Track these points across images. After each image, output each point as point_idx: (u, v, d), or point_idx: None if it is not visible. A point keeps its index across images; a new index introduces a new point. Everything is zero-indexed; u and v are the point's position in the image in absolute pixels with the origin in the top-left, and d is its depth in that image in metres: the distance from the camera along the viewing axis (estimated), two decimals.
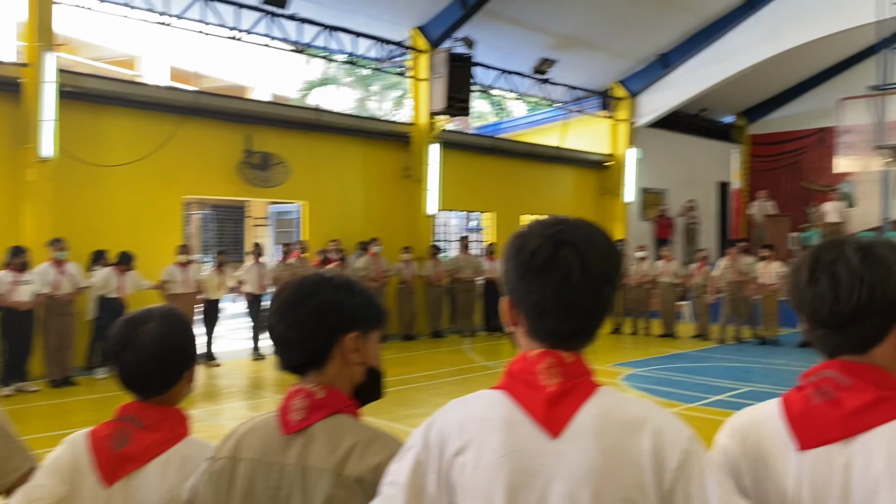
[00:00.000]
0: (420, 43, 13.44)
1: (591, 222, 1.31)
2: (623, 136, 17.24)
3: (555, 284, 1.23)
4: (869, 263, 1.27)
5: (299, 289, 1.50)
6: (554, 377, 1.23)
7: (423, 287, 13.24)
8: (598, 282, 1.24)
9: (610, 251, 1.27)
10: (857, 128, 13.11)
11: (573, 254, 1.23)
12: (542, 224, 1.30)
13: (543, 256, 1.24)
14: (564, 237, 1.25)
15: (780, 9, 14.91)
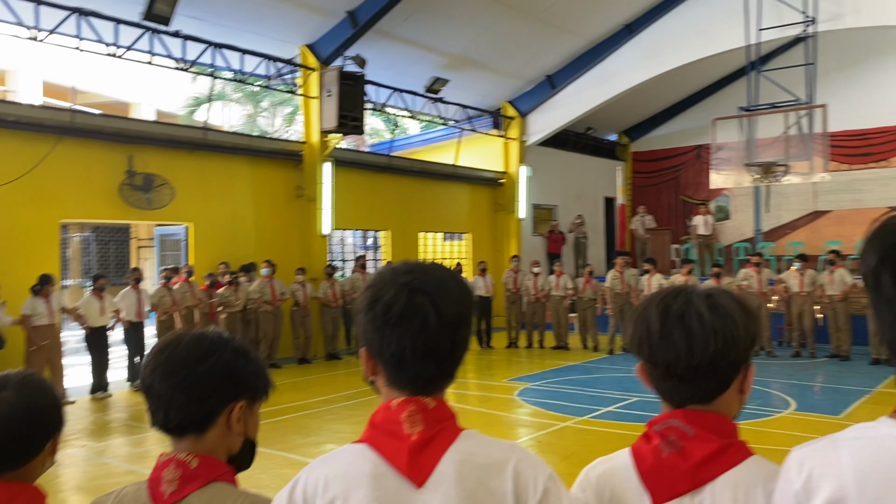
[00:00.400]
0: (310, 61, 13.30)
1: (442, 266, 1.34)
2: (515, 155, 17.64)
3: (412, 334, 1.25)
4: (719, 315, 1.32)
5: (194, 346, 1.40)
6: (416, 425, 1.24)
7: (318, 309, 13.03)
8: (453, 326, 1.26)
9: (462, 294, 1.29)
10: (729, 145, 13.91)
11: (427, 302, 1.24)
12: (393, 272, 1.30)
13: (398, 307, 1.25)
14: (417, 285, 1.26)
15: (657, 33, 15.70)
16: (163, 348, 1.41)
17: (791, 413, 8.20)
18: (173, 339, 1.43)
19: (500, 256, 17.40)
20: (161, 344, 1.43)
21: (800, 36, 13.94)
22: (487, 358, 13.43)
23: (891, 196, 17.67)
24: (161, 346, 1.42)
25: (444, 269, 1.33)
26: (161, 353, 1.41)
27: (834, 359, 11.91)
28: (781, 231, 19.01)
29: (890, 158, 17.67)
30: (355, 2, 12.65)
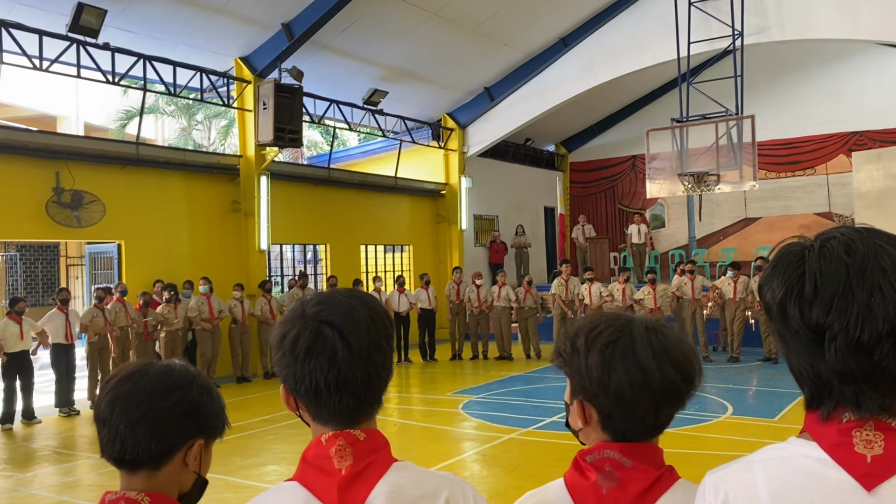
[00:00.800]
0: (245, 73, 13.09)
1: (355, 293, 1.32)
2: (455, 166, 17.69)
3: (322, 368, 1.23)
4: (669, 346, 1.33)
5: (161, 379, 1.35)
6: (345, 459, 1.23)
7: (257, 325, 12.77)
8: (366, 355, 1.24)
9: (373, 320, 1.26)
10: (663, 155, 14.23)
11: (334, 334, 1.23)
12: (302, 306, 1.29)
13: (304, 342, 1.24)
14: (324, 317, 1.25)
15: (592, 46, 15.99)
16: (126, 378, 1.35)
17: (728, 417, 8.39)
18: (138, 370, 1.37)
19: (443, 268, 17.41)
20: (124, 373, 1.37)
21: (728, 49, 14.38)
22: (431, 371, 13.38)
23: (816, 203, 18.39)
24: (125, 375, 1.36)
25: (357, 296, 1.30)
26: (124, 382, 1.35)
27: (767, 362, 12.26)
28: (714, 238, 19.55)
29: (815, 167, 18.37)
30: (290, 14, 12.51)
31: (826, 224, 18.13)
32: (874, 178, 15.49)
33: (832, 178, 18.23)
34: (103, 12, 10.46)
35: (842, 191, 17.87)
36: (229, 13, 12.06)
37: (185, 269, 12.47)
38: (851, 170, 16.78)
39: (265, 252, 13.51)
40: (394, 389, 11.91)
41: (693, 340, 12.98)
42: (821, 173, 18.40)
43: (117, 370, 1.40)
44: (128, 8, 11.12)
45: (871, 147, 16.81)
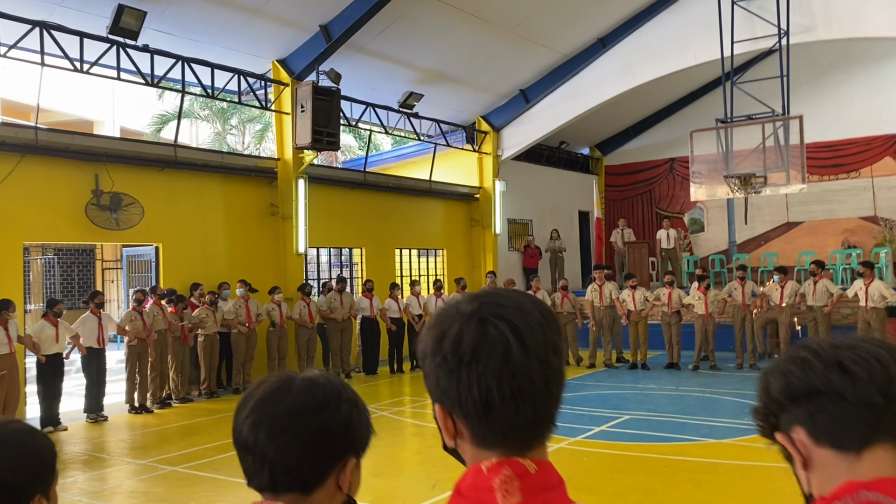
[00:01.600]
0: (282, 76, 13.01)
1: (512, 289, 1.11)
2: (489, 169, 17.48)
3: (494, 371, 1.00)
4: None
5: (306, 396, 1.19)
6: (512, 494, 1.00)
7: (294, 329, 12.66)
8: (543, 356, 1.02)
9: (545, 316, 1.05)
10: (706, 157, 13.90)
11: (506, 328, 1.01)
12: (456, 305, 1.07)
13: (471, 341, 1.01)
14: (488, 312, 1.02)
15: (631, 47, 15.69)
16: (268, 397, 1.20)
17: None
18: (279, 387, 1.21)
19: (476, 272, 17.19)
20: (264, 392, 1.21)
21: (773, 48, 14.01)
22: None
23: (860, 207, 17.89)
24: (265, 394, 1.20)
25: (520, 292, 1.10)
26: (266, 403, 1.19)
27: None
28: (756, 242, 19.10)
29: (860, 170, 17.87)
30: (328, 16, 12.41)
31: (871, 228, 17.63)
32: None
33: (878, 182, 17.72)
34: (143, 14, 10.43)
35: (888, 194, 17.38)
36: (267, 15, 11.98)
37: (223, 273, 12.40)
38: None
39: (302, 255, 13.40)
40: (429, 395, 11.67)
41: (741, 347, 12.62)
42: (865, 176, 17.89)
43: (255, 388, 1.22)
44: (167, 10, 11.09)
45: None
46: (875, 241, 17.22)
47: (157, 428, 9.53)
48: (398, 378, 13.13)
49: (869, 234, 17.56)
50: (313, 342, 12.81)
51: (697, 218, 20.20)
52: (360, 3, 12.15)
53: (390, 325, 13.42)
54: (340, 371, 12.94)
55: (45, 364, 9.43)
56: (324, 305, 12.94)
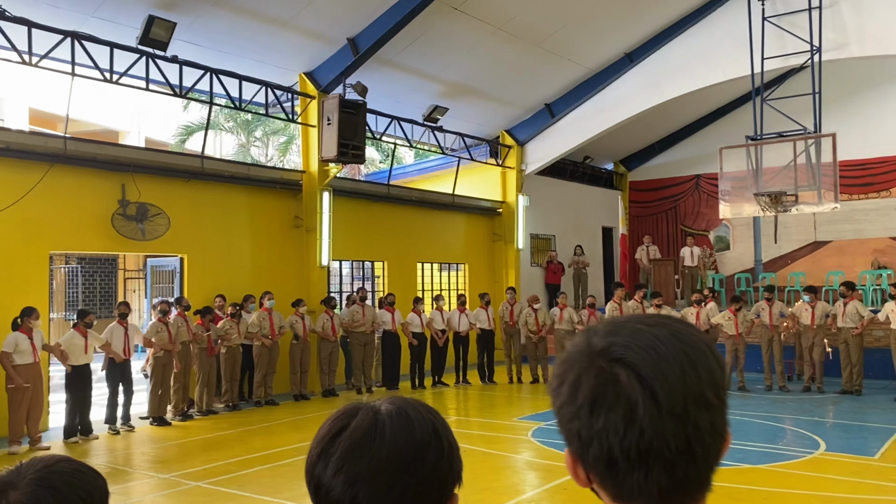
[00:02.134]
0: (309, 88, 13.01)
1: (663, 319, 0.94)
2: (512, 184, 17.37)
3: (614, 427, 0.86)
4: None
5: (404, 437, 0.99)
6: None
7: (317, 342, 12.57)
8: (681, 411, 0.86)
9: (691, 360, 0.88)
10: (734, 174, 13.71)
11: (631, 378, 0.87)
12: (587, 336, 0.93)
13: (589, 389, 0.88)
14: (616, 354, 0.88)
15: (659, 62, 15.56)
16: (360, 448, 0.98)
17: (822, 454, 7.83)
18: (367, 430, 1.00)
19: (498, 287, 17.03)
20: (353, 440, 0.99)
21: (804, 65, 13.83)
22: (490, 394, 13.00)
23: (891, 226, 17.57)
24: (355, 443, 0.99)
25: (666, 325, 0.92)
26: (359, 455, 0.98)
27: (846, 394, 11.57)
28: (782, 261, 18.81)
29: (890, 188, 17.57)
30: (356, 29, 12.40)
31: None
32: None
33: None
34: (173, 25, 10.46)
35: None
36: (295, 28, 11.99)
37: (246, 284, 12.36)
38: None
39: (326, 268, 13.33)
40: (453, 412, 11.57)
41: (769, 368, 12.37)
42: None
43: (332, 432, 1.01)
44: (196, 21, 11.12)
45: None
46: None
47: (179, 441, 9.45)
48: (419, 393, 12.99)
49: None
50: (335, 355, 12.72)
51: (723, 236, 19.94)
52: (388, 17, 12.13)
53: (412, 340, 13.30)
54: (363, 385, 12.83)
55: (73, 374, 9.39)
56: (346, 317, 12.86)
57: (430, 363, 13.62)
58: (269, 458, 8.23)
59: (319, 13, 11.83)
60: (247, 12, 11.29)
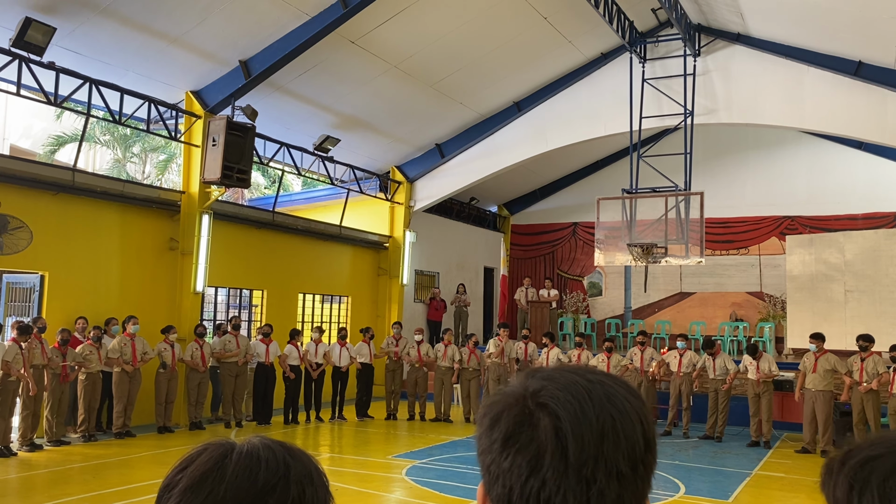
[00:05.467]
0: (195, 107, 12.60)
1: (606, 376, 0.91)
2: (400, 219, 17.44)
3: (520, 470, 0.84)
4: None
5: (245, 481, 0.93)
6: None
7: (185, 372, 11.99)
8: (588, 473, 0.82)
9: (615, 423, 0.85)
10: (609, 224, 14.35)
11: (550, 426, 0.84)
12: (527, 376, 0.92)
13: (507, 424, 0.86)
14: (544, 399, 0.86)
15: (545, 113, 16.19)
16: (197, 485, 0.92)
17: (682, 497, 8.19)
18: (210, 468, 0.93)
19: (381, 321, 16.94)
20: (192, 477, 0.93)
21: (677, 126, 14.78)
22: (365, 430, 12.81)
23: (748, 282, 18.90)
24: (193, 480, 0.92)
25: (605, 383, 0.89)
26: (195, 492, 0.92)
27: (707, 439, 12.21)
28: (650, 309, 19.79)
29: (749, 247, 18.93)
30: (249, 52, 12.18)
31: (757, 303, 18.62)
32: (806, 263, 16.07)
33: (764, 259, 18.81)
34: (52, 30, 9.90)
35: (773, 272, 18.43)
36: (185, 45, 11.63)
37: (113, 307, 11.67)
38: (783, 252, 17.41)
39: (200, 294, 12.80)
40: (326, 449, 11.30)
41: None
42: (753, 253, 18.96)
43: (181, 468, 0.95)
44: (78, 29, 10.58)
45: (802, 232, 17.50)
46: (760, 316, 18.18)
47: (24, 473, 8.69)
48: (292, 429, 12.62)
49: (755, 308, 18.54)
50: (204, 386, 12.17)
51: (596, 282, 20.78)
52: (283, 43, 12.00)
53: (289, 373, 12.93)
54: (232, 418, 12.32)
55: None
56: (217, 347, 12.35)
57: (305, 398, 13.29)
58: (126, 495, 7.70)
59: (212, 32, 11.54)
60: (134, 25, 10.86)
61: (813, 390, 11.12)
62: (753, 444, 11.71)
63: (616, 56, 15.46)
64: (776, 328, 17.07)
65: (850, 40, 12.78)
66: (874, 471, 0.85)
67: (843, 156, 17.75)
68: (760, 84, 14.21)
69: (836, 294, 15.33)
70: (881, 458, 0.85)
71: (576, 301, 20.42)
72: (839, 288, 15.34)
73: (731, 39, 14.52)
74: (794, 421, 12.47)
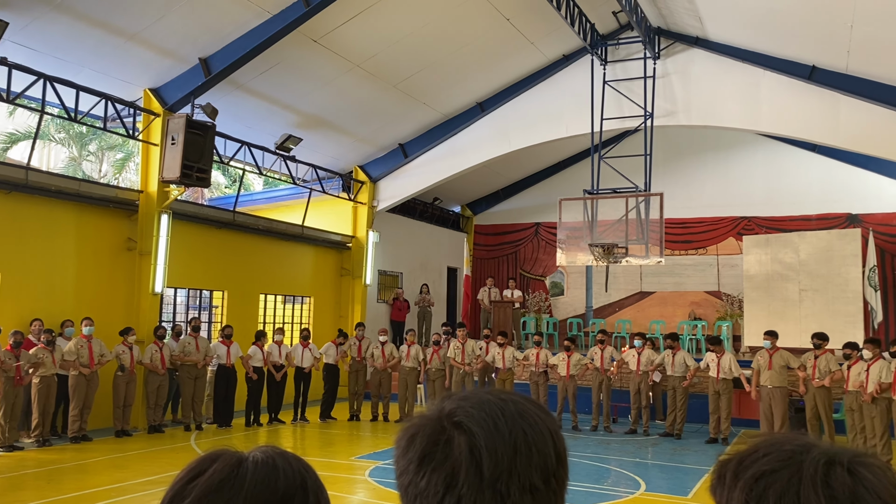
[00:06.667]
0: (154, 105, 12.39)
1: (517, 396, 0.94)
2: (363, 219, 17.36)
3: (435, 489, 0.86)
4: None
5: (265, 491, 0.90)
6: None
7: (144, 374, 11.78)
8: (503, 489, 0.84)
9: (528, 440, 0.87)
10: (571, 224, 14.48)
11: (464, 444, 0.86)
12: (444, 398, 0.94)
13: (422, 445, 0.88)
14: (458, 418, 0.88)
15: (508, 113, 16.26)
16: (213, 494, 0.89)
17: (643, 494, 8.31)
18: (226, 477, 0.90)
19: (343, 322, 16.84)
20: (207, 485, 0.90)
21: (638, 128, 14.97)
22: (329, 432, 12.74)
23: (707, 282, 19.22)
24: (208, 489, 0.89)
25: (516, 402, 0.92)
26: (209, 496, 0.89)
27: (667, 437, 12.40)
28: (611, 308, 20.02)
29: (707, 247, 19.26)
30: (209, 49, 12.02)
31: (715, 302, 18.95)
32: (762, 262, 16.40)
33: (722, 259, 19.15)
34: (4, 24, 9.65)
35: (731, 271, 18.77)
36: (144, 42, 11.43)
37: (69, 309, 11.41)
38: (740, 252, 17.75)
39: (159, 295, 12.59)
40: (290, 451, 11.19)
41: (597, 409, 13.03)
42: (712, 253, 19.29)
43: (190, 475, 0.92)
44: (32, 24, 10.33)
45: (758, 232, 17.87)
46: (718, 315, 18.50)
47: None
48: (254, 431, 12.49)
49: (713, 307, 18.86)
50: (164, 389, 11.98)
51: (558, 282, 20.95)
52: (244, 41, 11.86)
53: (251, 374, 12.79)
54: (192, 421, 12.14)
55: None
56: (177, 349, 12.16)
57: (267, 399, 13.15)
58: (82, 501, 7.54)
59: (171, 29, 11.36)
60: (91, 20, 10.63)
61: (769, 387, 11.37)
62: (712, 440, 11.92)
63: (578, 58, 15.61)
64: (733, 327, 17.39)
65: (805, 45, 13.09)
66: (770, 487, 0.85)
67: (798, 158, 18.17)
68: (718, 87, 14.47)
69: (791, 293, 15.68)
70: (776, 474, 0.85)
71: (538, 301, 20.54)
72: (794, 287, 15.70)
73: (690, 43, 14.76)
74: (751, 417, 12.74)
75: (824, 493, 0.81)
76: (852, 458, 0.84)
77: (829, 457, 0.85)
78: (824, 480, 0.82)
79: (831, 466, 0.83)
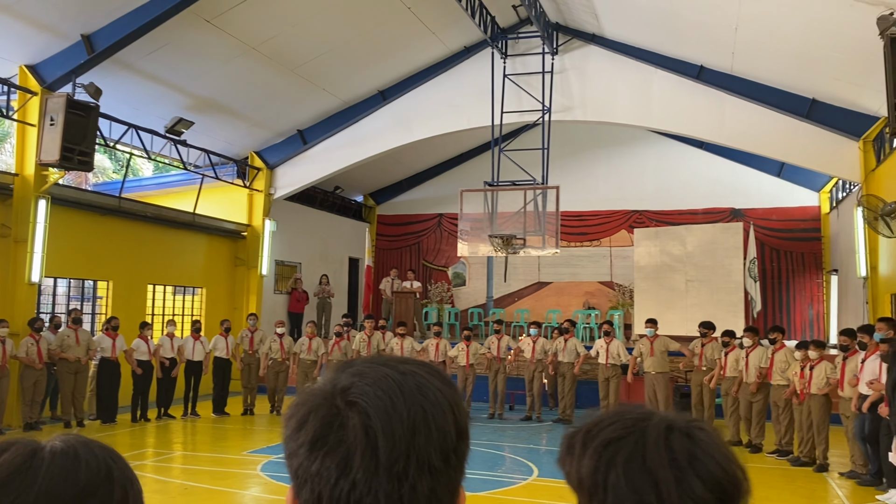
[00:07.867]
0: (31, 83, 11.60)
1: (417, 366, 0.88)
2: (259, 207, 16.88)
3: (329, 474, 0.80)
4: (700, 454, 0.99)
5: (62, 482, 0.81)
6: None
7: (18, 370, 11.06)
8: (400, 470, 0.80)
9: (426, 416, 0.83)
10: (473, 216, 14.58)
11: (359, 426, 0.80)
12: (337, 372, 0.87)
13: (314, 427, 0.82)
14: (354, 397, 0.82)
15: (410, 103, 16.18)
16: (4, 484, 0.80)
17: (535, 479, 8.46)
18: (20, 466, 0.81)
19: (238, 314, 16.35)
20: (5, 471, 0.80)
21: (536, 122, 15.22)
22: (222, 427, 12.35)
23: (600, 272, 19.82)
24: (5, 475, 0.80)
25: (415, 374, 0.86)
26: (4, 492, 0.79)
27: (561, 422, 12.71)
28: (510, 298, 20.34)
29: (601, 239, 19.85)
30: (93, 26, 11.34)
31: (608, 292, 19.56)
32: (651, 254, 17.03)
33: (615, 251, 19.78)
34: None
35: (623, 262, 19.42)
36: (18, 15, 10.67)
37: None
38: (631, 244, 18.37)
39: (36, 285, 11.83)
40: (179, 447, 10.81)
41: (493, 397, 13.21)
42: (605, 245, 19.91)
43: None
44: None
45: (648, 225, 18.56)
46: (611, 304, 19.12)
47: None
48: (141, 427, 11.96)
49: (606, 297, 19.47)
50: (41, 385, 11.28)
51: (460, 272, 21.10)
52: (131, 18, 11.25)
53: (136, 368, 12.22)
54: (73, 418, 11.50)
55: None
56: (55, 343, 11.47)
57: (156, 394, 12.62)
58: None
59: (51, 2, 10.65)
60: None
61: (652, 373, 11.82)
62: None
63: (479, 50, 15.69)
64: (625, 315, 18.01)
65: (694, 46, 13.63)
66: (618, 452, 0.89)
67: (687, 154, 18.97)
68: (613, 84, 14.88)
69: (678, 283, 16.35)
70: (623, 440, 0.89)
71: (440, 291, 20.62)
72: (681, 278, 16.38)
73: (587, 39, 15.11)
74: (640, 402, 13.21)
75: (667, 454, 0.87)
76: (687, 424, 0.91)
77: (668, 423, 0.91)
78: (666, 443, 0.88)
79: (671, 431, 0.89)
